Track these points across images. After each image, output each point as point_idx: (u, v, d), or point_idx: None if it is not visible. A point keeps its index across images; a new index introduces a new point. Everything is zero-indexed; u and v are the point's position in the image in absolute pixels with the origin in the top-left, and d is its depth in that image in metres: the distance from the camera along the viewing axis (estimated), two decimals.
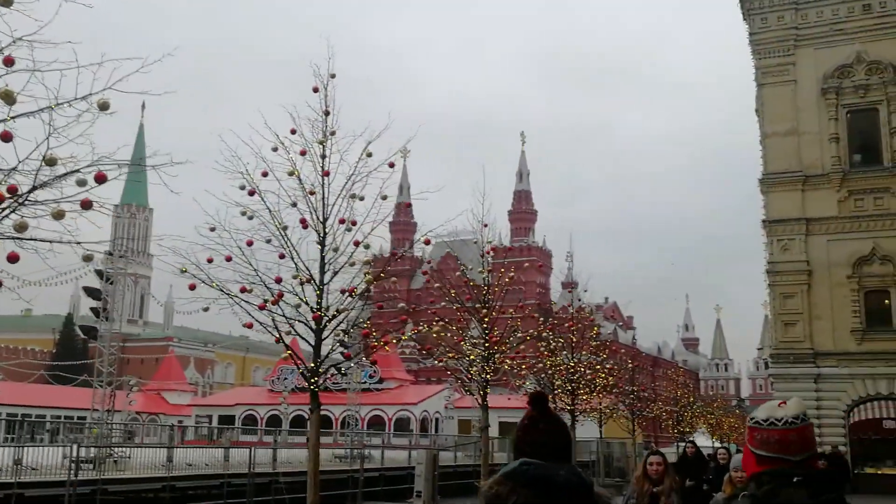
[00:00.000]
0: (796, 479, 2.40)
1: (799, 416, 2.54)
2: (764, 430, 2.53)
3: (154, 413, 70.44)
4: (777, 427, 2.50)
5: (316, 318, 10.12)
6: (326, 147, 10.71)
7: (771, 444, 2.50)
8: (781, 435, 2.49)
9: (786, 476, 2.42)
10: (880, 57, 29.91)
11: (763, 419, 2.55)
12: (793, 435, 2.49)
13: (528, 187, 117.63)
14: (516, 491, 2.19)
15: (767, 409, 2.59)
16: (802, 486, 2.38)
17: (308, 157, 10.55)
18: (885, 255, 28.62)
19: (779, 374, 29.86)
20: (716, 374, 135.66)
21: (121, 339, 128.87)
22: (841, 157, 30.00)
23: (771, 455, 2.48)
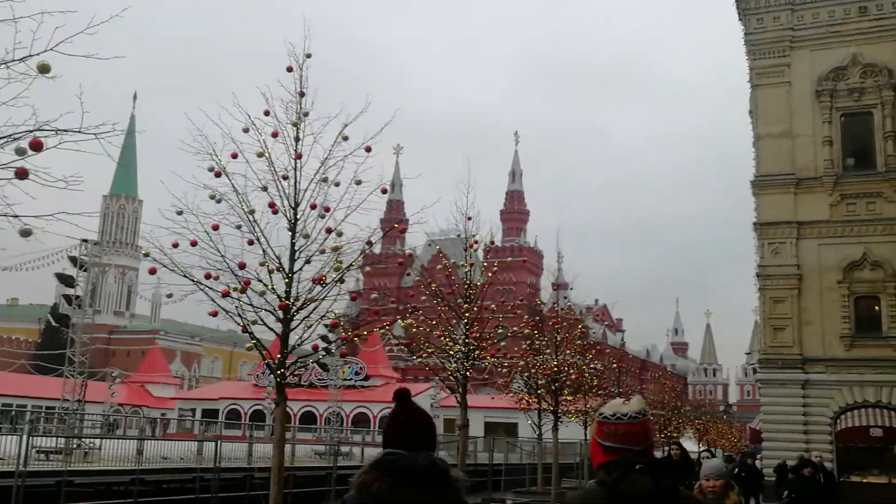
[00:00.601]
0: (639, 467, 2.72)
1: (641, 411, 2.85)
2: (612, 423, 2.82)
3: (137, 405, 69.82)
4: (623, 421, 2.80)
5: (283, 308, 9.68)
6: (300, 129, 10.27)
7: (617, 436, 2.79)
8: (627, 428, 2.79)
9: (630, 464, 2.73)
10: (875, 60, 29.58)
11: (611, 414, 2.84)
12: (636, 428, 2.79)
13: (520, 187, 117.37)
14: (380, 478, 2.45)
15: (614, 405, 2.89)
16: (645, 473, 2.71)
17: (281, 139, 10.12)
18: (876, 260, 28.29)
19: (766, 379, 29.50)
20: (704, 379, 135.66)
21: (107, 330, 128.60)
22: (834, 161, 29.65)
23: (617, 446, 2.77)
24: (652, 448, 2.88)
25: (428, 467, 2.49)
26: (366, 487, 2.44)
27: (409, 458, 2.51)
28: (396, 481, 2.44)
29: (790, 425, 28.20)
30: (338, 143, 10.14)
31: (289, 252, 9.92)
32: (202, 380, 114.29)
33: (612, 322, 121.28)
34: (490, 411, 59.68)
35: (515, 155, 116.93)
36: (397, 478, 2.46)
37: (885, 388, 27.47)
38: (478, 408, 61.37)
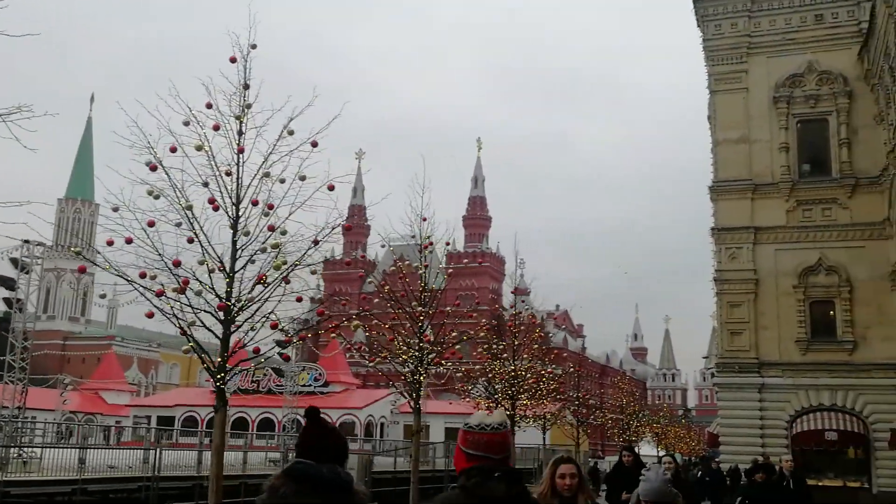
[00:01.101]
0: (497, 475, 2.95)
1: (502, 423, 3.09)
2: (475, 433, 3.03)
3: (91, 413, 68.24)
4: (486, 431, 3.01)
5: (222, 309, 9.25)
6: (243, 123, 9.86)
7: (480, 445, 3.00)
8: (488, 438, 3.00)
9: (489, 471, 2.96)
10: (831, 67, 29.87)
11: (475, 425, 3.06)
12: (497, 438, 3.01)
13: (482, 193, 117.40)
14: (287, 484, 2.69)
15: (478, 416, 3.11)
16: (502, 480, 2.95)
17: (223, 133, 9.69)
18: (831, 265, 28.51)
19: (723, 383, 29.58)
20: (663, 384, 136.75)
21: (61, 336, 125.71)
22: (790, 167, 29.86)
23: (478, 454, 2.99)
24: (510, 457, 3.12)
25: (331, 477, 2.78)
26: (274, 491, 2.66)
27: (315, 467, 2.80)
28: (301, 487, 2.70)
29: (747, 429, 28.29)
30: (283, 137, 9.77)
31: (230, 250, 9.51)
32: (160, 386, 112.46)
33: (572, 328, 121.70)
34: (451, 416, 59.38)
35: (478, 161, 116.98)
36: (302, 484, 2.73)
37: (840, 392, 27.68)
38: (438, 413, 61.18)
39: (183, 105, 9.45)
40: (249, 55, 10.07)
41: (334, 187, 9.64)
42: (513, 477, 3.00)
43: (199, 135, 9.42)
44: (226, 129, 9.77)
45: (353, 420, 60.41)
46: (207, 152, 9.46)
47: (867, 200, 28.60)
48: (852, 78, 29.72)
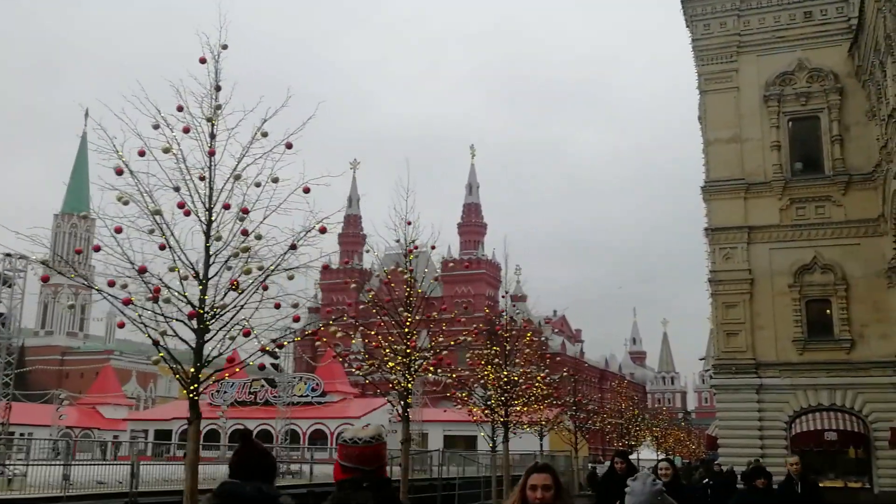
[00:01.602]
0: (365, 485, 3.24)
1: (374, 437, 3.35)
2: (349, 447, 3.31)
3: (88, 428, 67.84)
4: (358, 445, 3.29)
5: (193, 316, 8.97)
6: (215, 125, 9.60)
7: (352, 457, 3.28)
8: (361, 451, 3.29)
9: (359, 482, 3.25)
10: (821, 65, 29.70)
11: (349, 438, 3.34)
12: (369, 451, 3.30)
13: (477, 200, 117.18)
14: (213, 501, 3.05)
15: (354, 430, 3.40)
16: (369, 490, 3.23)
17: (193, 135, 9.43)
18: (827, 264, 28.28)
19: (721, 384, 29.29)
20: (662, 388, 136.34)
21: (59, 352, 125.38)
22: (783, 165, 29.67)
23: (351, 466, 3.26)
24: (383, 469, 3.38)
25: (254, 495, 3.12)
26: None
27: (240, 486, 3.14)
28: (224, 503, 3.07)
29: (745, 430, 28.01)
30: (256, 139, 9.51)
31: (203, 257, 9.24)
32: (159, 400, 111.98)
33: (570, 333, 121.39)
34: (449, 424, 58.96)
35: (472, 168, 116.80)
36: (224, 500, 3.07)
37: (839, 391, 27.42)
38: (436, 421, 60.76)
39: (152, 108, 9.20)
40: (220, 56, 9.85)
41: (309, 189, 9.38)
42: (380, 486, 3.29)
43: (168, 137, 9.16)
44: (197, 131, 9.51)
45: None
46: (176, 155, 9.21)
47: (861, 197, 28.40)
48: (843, 75, 29.55)
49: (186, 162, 9.24)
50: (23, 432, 52.81)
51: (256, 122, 9.86)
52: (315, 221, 9.26)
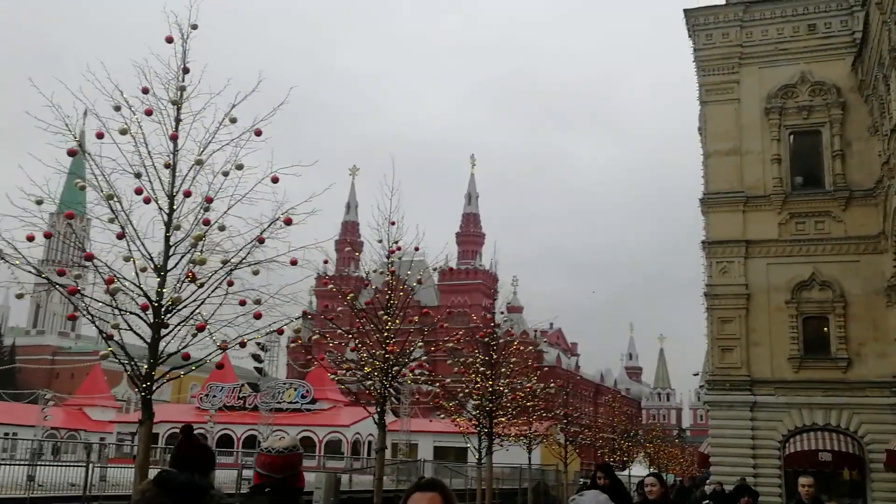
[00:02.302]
0: (267, 490, 3.68)
1: (287, 448, 3.74)
2: (263, 455, 3.77)
3: (74, 429, 67.05)
4: (271, 454, 3.74)
5: (146, 309, 8.39)
6: (181, 109, 9.05)
7: (265, 465, 3.71)
8: (272, 460, 3.71)
9: (262, 488, 3.71)
10: (824, 78, 29.20)
11: (265, 448, 3.81)
12: (279, 461, 3.70)
13: (476, 210, 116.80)
14: (151, 489, 3.39)
15: (271, 440, 3.83)
16: (267, 495, 3.68)
17: (158, 118, 8.87)
18: (825, 280, 27.71)
19: (714, 401, 28.65)
20: (658, 404, 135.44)
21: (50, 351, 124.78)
22: (783, 179, 29.13)
23: (263, 473, 3.71)
24: (294, 478, 3.68)
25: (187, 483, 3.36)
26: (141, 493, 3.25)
27: (175, 474, 3.41)
28: (160, 490, 3.27)
29: (738, 448, 27.38)
30: (224, 125, 8.95)
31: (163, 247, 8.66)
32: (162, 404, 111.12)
33: (566, 346, 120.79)
34: (440, 435, 58.24)
35: (471, 178, 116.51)
36: (161, 488, 3.30)
37: (834, 411, 26.80)
38: (427, 432, 60.01)
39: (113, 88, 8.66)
40: (189, 36, 9.29)
41: (278, 179, 8.80)
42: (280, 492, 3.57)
43: (127, 119, 8.60)
44: (161, 115, 8.95)
45: (339, 438, 59.34)
46: (134, 137, 8.65)
47: (861, 213, 27.86)
48: (846, 89, 29.05)
49: (148, 146, 8.66)
50: (7, 432, 52.13)
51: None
52: (281, 213, 8.66)
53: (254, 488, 3.76)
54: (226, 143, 8.90)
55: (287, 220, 8.89)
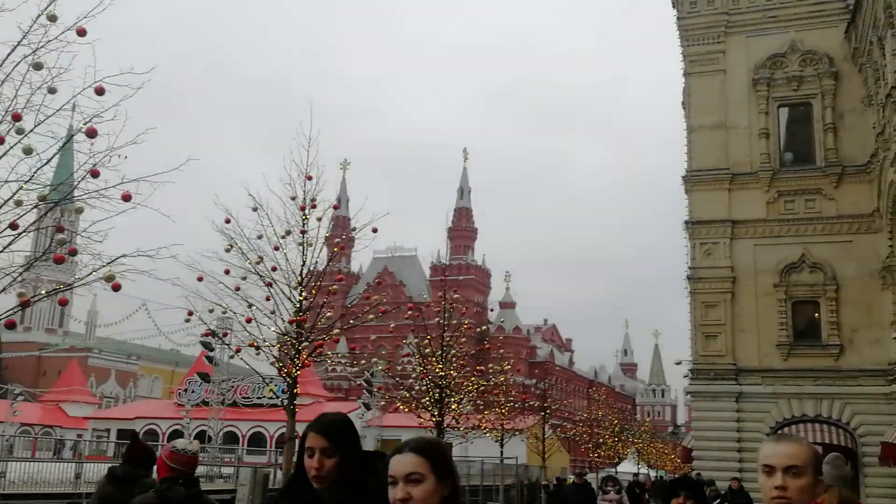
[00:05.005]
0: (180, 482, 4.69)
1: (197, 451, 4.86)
2: (178, 454, 4.76)
3: (50, 426, 65.24)
4: (187, 454, 4.78)
5: None
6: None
7: (180, 462, 4.74)
8: (187, 459, 4.76)
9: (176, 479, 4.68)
10: (815, 47, 27.39)
11: (180, 448, 4.79)
12: (194, 459, 4.80)
13: (468, 204, 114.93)
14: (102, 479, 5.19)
15: (183, 443, 4.86)
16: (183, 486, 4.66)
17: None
18: (816, 262, 25.90)
19: (697, 391, 26.84)
20: (653, 400, 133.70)
21: (37, 348, 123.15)
22: (771, 155, 27.32)
23: (176, 468, 4.71)
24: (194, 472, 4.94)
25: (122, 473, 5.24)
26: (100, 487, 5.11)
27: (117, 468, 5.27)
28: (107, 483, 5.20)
29: (723, 442, 25.58)
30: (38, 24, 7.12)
31: None
32: (139, 400, 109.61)
33: (560, 342, 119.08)
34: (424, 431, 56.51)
35: (464, 172, 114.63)
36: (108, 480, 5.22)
37: (825, 402, 25.01)
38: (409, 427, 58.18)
39: None
40: None
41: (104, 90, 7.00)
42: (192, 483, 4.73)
43: None
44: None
45: None
46: None
47: (854, 190, 26.07)
48: (838, 58, 27.25)
49: None
50: None
51: None
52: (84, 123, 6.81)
53: (169, 479, 4.64)
54: (39, 44, 7.07)
55: (91, 131, 7.02)
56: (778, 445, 2.61)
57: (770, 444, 2.64)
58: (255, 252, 12.71)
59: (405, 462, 2.36)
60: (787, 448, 2.58)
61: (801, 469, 2.53)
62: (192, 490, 4.62)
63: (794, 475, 2.53)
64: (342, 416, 2.86)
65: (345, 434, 2.76)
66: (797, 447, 2.58)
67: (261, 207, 12.95)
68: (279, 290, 12.78)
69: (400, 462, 2.37)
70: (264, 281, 12.68)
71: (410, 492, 2.32)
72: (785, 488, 2.52)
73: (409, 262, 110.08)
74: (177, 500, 4.46)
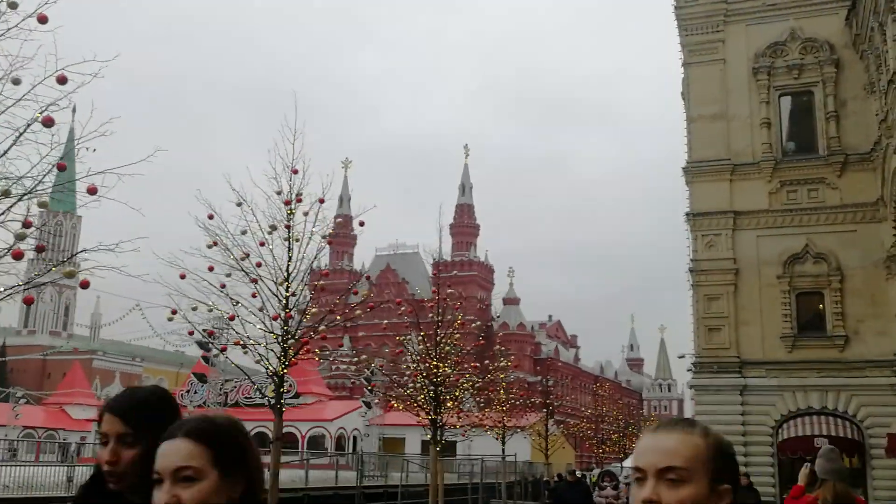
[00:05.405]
0: None
1: None
2: None
3: (53, 428, 65.02)
4: None
5: None
6: None
7: None
8: None
9: None
10: (816, 34, 27.00)
11: None
12: None
13: (470, 201, 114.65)
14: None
15: None
16: None
17: None
18: (820, 252, 25.52)
19: (701, 385, 26.47)
20: (659, 395, 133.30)
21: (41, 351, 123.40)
22: (772, 145, 26.94)
23: None
24: None
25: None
26: None
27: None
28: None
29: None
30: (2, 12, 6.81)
31: None
32: None
33: (566, 338, 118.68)
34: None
35: (465, 168, 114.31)
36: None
37: (831, 393, 24.64)
38: (413, 425, 57.92)
39: None
40: None
41: (66, 79, 6.69)
42: None
43: None
44: None
45: (323, 433, 57.23)
46: None
47: (858, 179, 25.68)
48: (839, 45, 26.86)
49: None
50: None
51: None
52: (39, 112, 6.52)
53: None
54: None
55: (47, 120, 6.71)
56: (653, 437, 1.70)
57: (644, 437, 1.74)
58: (239, 248, 12.46)
59: (176, 452, 1.71)
60: (664, 441, 1.67)
61: (683, 472, 1.63)
62: None
63: (672, 483, 1.62)
64: (155, 391, 2.20)
65: (152, 416, 2.04)
66: (679, 438, 1.67)
67: (245, 202, 12.68)
68: (265, 286, 12.52)
69: (168, 452, 1.72)
70: (250, 277, 12.45)
71: (180, 495, 1.68)
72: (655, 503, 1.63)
73: (412, 260, 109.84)
74: None
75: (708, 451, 1.66)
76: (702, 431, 1.70)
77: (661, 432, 1.69)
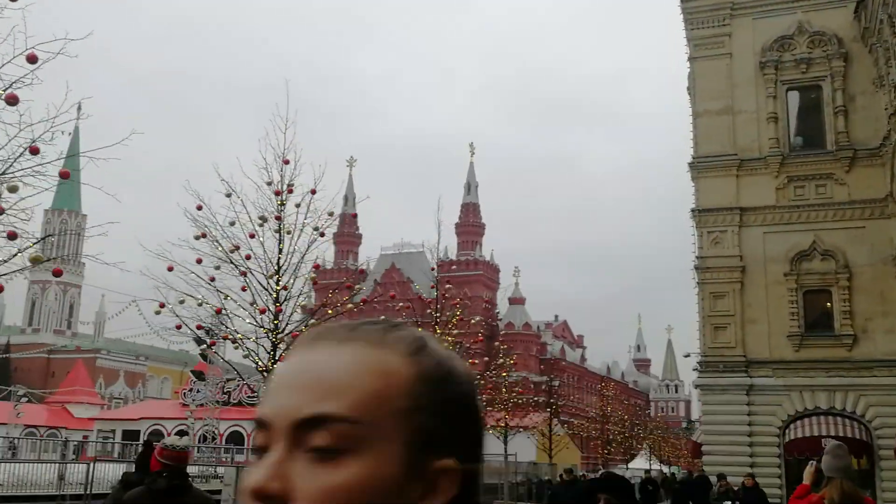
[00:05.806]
0: (164, 474, 5.07)
1: (185, 447, 5.18)
2: (167, 450, 5.13)
3: (55, 427, 64.88)
4: (175, 450, 5.14)
5: None
6: None
7: (169, 457, 5.11)
8: (173, 455, 5.11)
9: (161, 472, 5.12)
10: (824, 28, 26.55)
11: (168, 444, 5.18)
12: (175, 454, 5.13)
13: (476, 199, 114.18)
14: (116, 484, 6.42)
15: (172, 439, 5.30)
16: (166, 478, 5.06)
17: None
18: (827, 249, 25.06)
19: (706, 384, 26.02)
20: (666, 396, 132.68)
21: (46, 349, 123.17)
22: (780, 140, 26.50)
23: (166, 463, 5.18)
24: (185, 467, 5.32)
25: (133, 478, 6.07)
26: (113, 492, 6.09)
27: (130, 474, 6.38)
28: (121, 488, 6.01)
29: (733, 436, 24.77)
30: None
31: None
32: (148, 400, 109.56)
33: (572, 338, 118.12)
34: None
35: (470, 167, 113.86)
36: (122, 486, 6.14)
37: (839, 394, 24.17)
38: None
39: None
40: None
41: (36, 58, 6.33)
42: (174, 476, 5.04)
43: None
44: None
45: None
46: None
47: (866, 175, 25.22)
48: (848, 39, 26.40)
49: None
50: None
51: None
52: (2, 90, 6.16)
53: (156, 473, 5.16)
54: None
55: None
56: (303, 354, 0.78)
57: (289, 354, 0.81)
58: (228, 240, 12.10)
59: None
60: (317, 363, 0.76)
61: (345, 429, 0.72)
62: (174, 482, 4.95)
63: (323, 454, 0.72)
64: None
65: None
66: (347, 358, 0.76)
67: (234, 193, 12.32)
68: (255, 279, 12.17)
69: None
70: (239, 270, 12.10)
71: None
72: None
73: (417, 259, 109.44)
74: (158, 491, 4.86)
75: (411, 387, 0.76)
76: (406, 346, 0.79)
77: (321, 344, 0.79)
